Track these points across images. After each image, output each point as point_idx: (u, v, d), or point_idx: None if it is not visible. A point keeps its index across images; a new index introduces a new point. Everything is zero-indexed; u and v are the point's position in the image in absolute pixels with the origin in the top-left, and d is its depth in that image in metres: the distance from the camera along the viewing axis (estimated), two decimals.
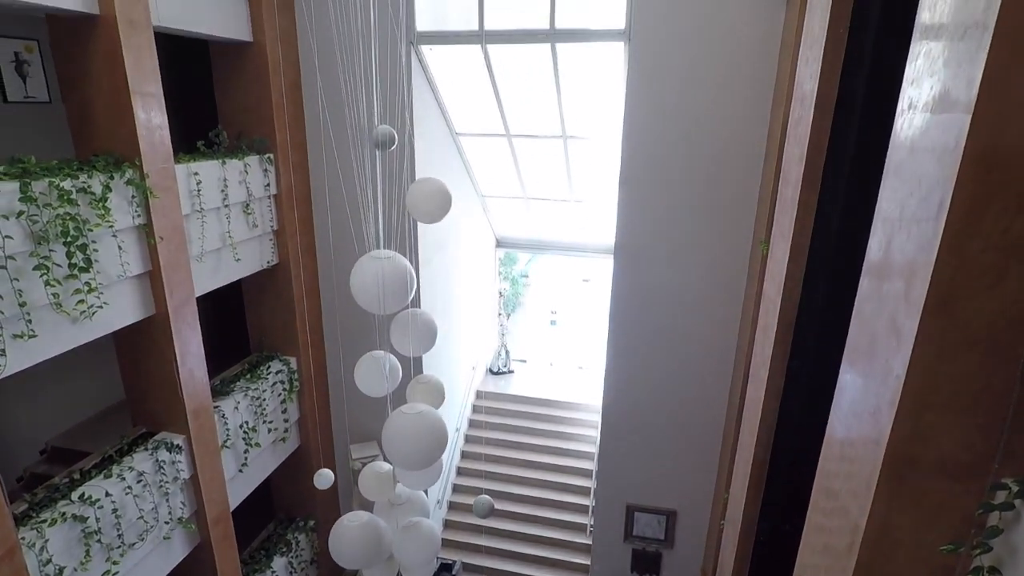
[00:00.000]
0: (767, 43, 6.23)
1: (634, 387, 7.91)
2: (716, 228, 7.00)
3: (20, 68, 5.91)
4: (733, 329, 7.29)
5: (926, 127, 1.84)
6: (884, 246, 2.08)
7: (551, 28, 6.84)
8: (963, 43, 1.69)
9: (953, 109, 1.67)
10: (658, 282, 7.40)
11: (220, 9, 6.40)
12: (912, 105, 1.96)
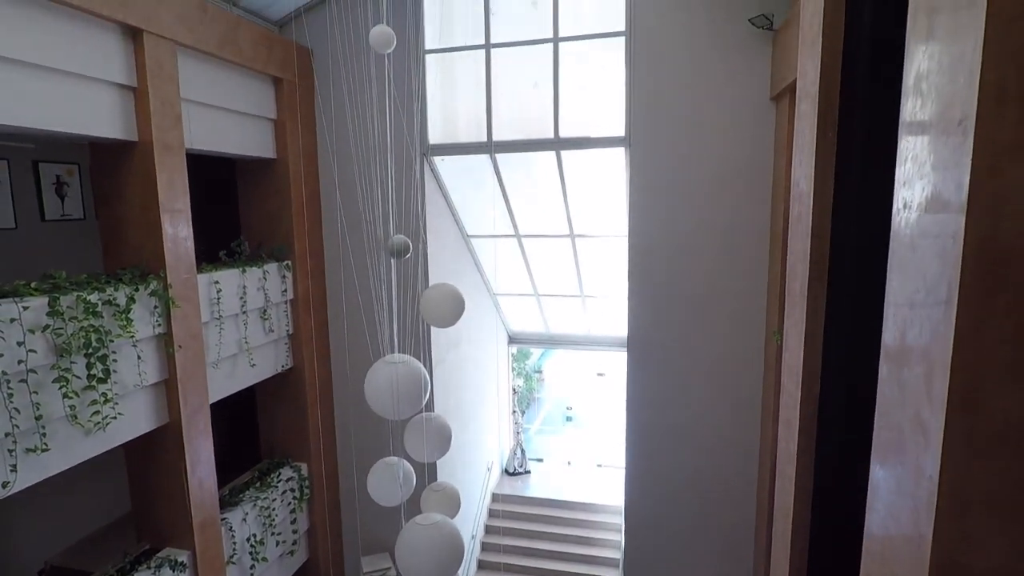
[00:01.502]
0: (760, 142, 6.56)
1: (657, 486, 7.58)
2: (728, 320, 7.01)
3: (60, 189, 6.32)
4: (754, 423, 7.08)
5: (923, 226, 1.90)
6: (899, 338, 2.08)
7: (555, 137, 7.27)
8: (947, 144, 1.79)
9: (947, 210, 1.73)
10: (673, 375, 7.31)
11: (248, 131, 6.91)
12: (907, 205, 2.04)
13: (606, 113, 7.20)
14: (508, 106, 7.44)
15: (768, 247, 6.67)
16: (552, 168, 7.72)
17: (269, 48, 6.90)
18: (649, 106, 6.87)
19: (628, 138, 7.02)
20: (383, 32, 4.05)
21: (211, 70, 6.22)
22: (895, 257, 2.19)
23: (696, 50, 6.65)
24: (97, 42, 4.92)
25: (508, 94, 7.43)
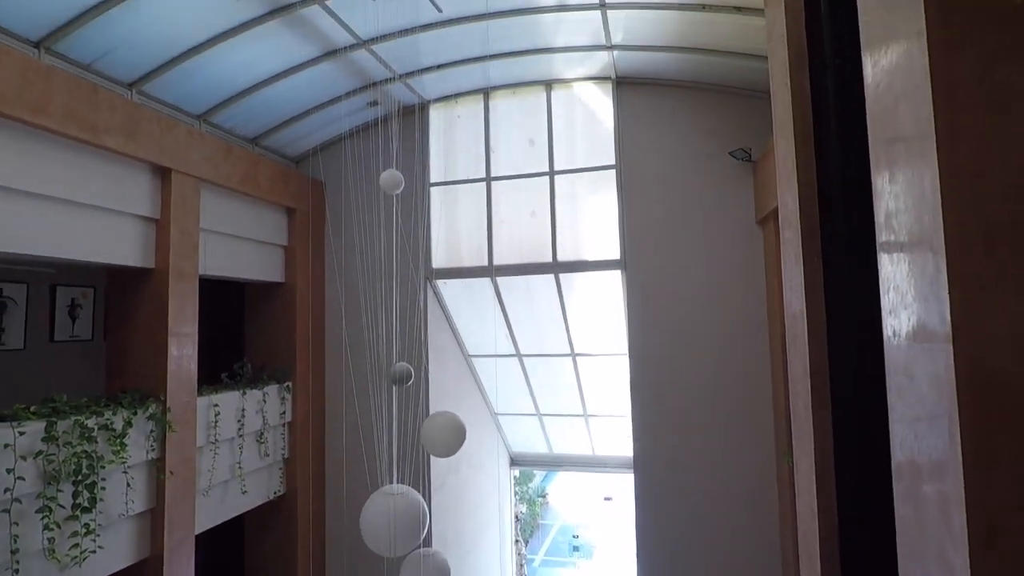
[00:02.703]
0: (751, 263, 6.82)
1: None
2: (736, 439, 6.84)
3: (73, 311, 6.47)
4: (774, 552, 6.66)
5: (915, 355, 1.95)
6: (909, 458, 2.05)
7: (554, 261, 7.57)
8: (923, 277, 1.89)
9: (934, 340, 1.79)
10: (683, 498, 6.99)
11: (259, 257, 7.21)
12: (896, 334, 2.11)
13: (602, 237, 7.55)
14: (508, 233, 7.82)
15: (769, 364, 6.69)
16: (551, 290, 7.94)
17: (285, 182, 7.40)
18: (641, 231, 7.23)
19: (623, 261, 7.30)
20: (392, 176, 4.40)
21: (230, 202, 6.63)
22: (893, 384, 2.22)
23: (682, 180, 7.13)
24: (129, 180, 5.31)
25: (508, 222, 7.84)
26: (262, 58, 6.08)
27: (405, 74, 7.05)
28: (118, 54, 5.33)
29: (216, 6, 5.18)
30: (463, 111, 8.05)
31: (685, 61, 6.66)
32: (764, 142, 6.49)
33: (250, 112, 6.93)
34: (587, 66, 7.20)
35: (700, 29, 5.92)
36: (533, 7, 5.84)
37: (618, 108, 7.41)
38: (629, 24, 6.08)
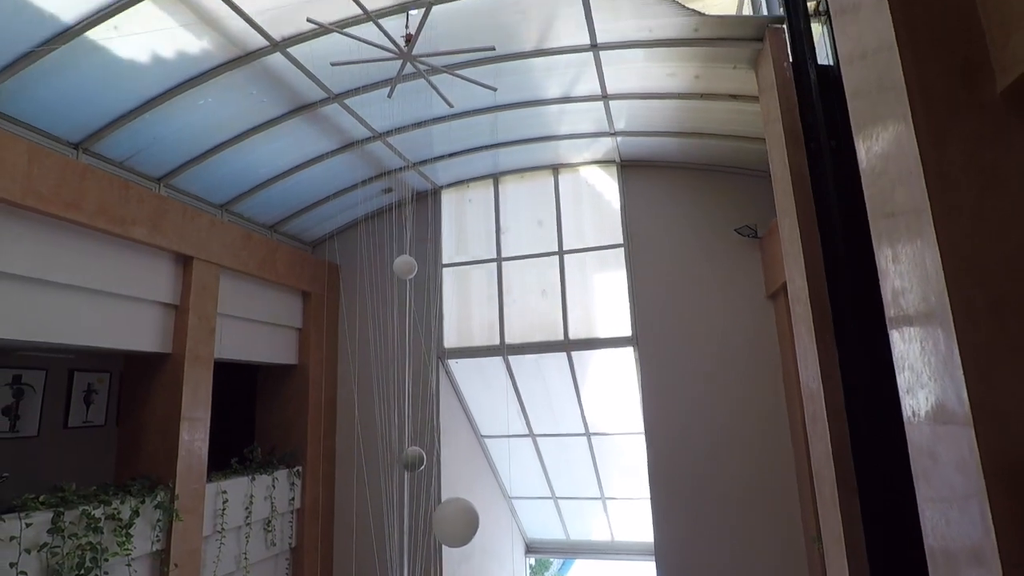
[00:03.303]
0: (764, 337, 6.77)
1: None
2: (763, 521, 6.53)
3: (88, 397, 6.50)
4: None
5: (937, 436, 1.92)
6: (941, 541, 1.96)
7: (565, 339, 7.58)
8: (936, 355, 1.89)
9: (954, 421, 1.77)
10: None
11: (273, 341, 7.30)
12: (916, 414, 2.08)
13: (612, 314, 7.59)
14: (519, 312, 7.90)
15: (790, 440, 6.49)
16: (564, 368, 7.89)
17: (301, 267, 7.61)
18: (652, 307, 7.27)
19: (635, 338, 7.29)
20: (406, 262, 4.53)
21: (247, 287, 6.80)
22: (918, 466, 2.16)
23: (690, 257, 7.24)
24: (153, 269, 5.51)
25: (519, 301, 7.93)
26: (283, 151, 6.43)
27: (418, 162, 7.39)
28: (149, 152, 5.67)
29: (244, 107, 5.55)
30: (474, 195, 8.35)
31: (686, 144, 6.94)
32: (769, 218, 6.63)
33: (270, 201, 7.24)
34: (592, 151, 7.52)
35: (698, 115, 6.21)
36: (539, 99, 6.19)
37: (624, 189, 7.66)
38: (631, 112, 6.40)
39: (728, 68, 5.21)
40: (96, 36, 4.30)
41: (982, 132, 2.03)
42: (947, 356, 1.85)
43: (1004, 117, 2.00)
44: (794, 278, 4.22)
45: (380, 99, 5.63)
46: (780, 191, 4.45)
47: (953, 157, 2.04)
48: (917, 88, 2.37)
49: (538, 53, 5.30)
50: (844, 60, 3.25)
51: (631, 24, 4.86)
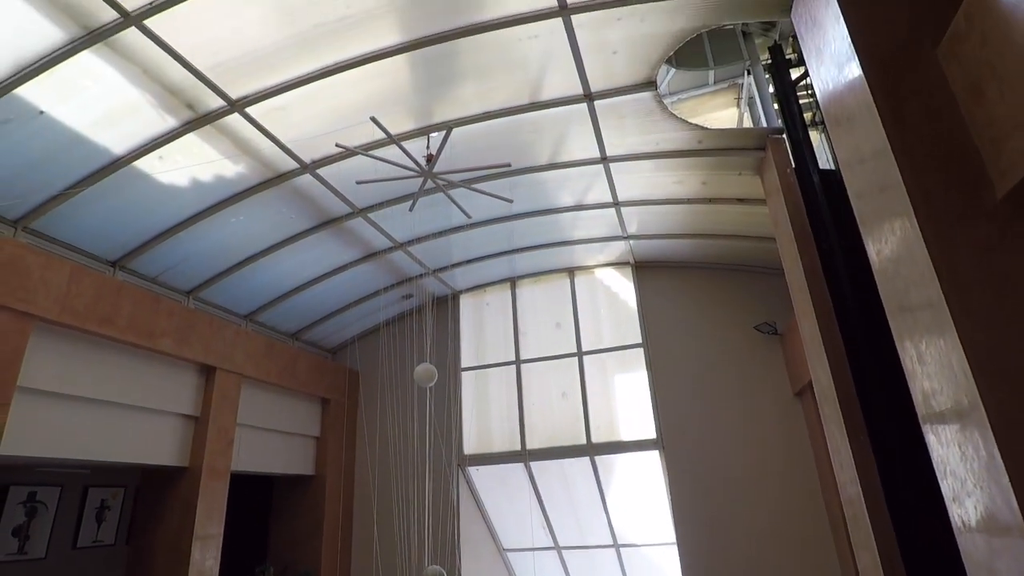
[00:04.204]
0: (795, 436, 6.52)
1: None
2: None
3: (100, 514, 6.34)
4: None
5: (994, 550, 1.81)
6: None
7: (588, 443, 7.37)
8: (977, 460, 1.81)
9: (1010, 534, 1.67)
10: None
11: (291, 450, 7.19)
12: (966, 525, 1.97)
13: (636, 416, 7.40)
14: (540, 415, 7.75)
15: (834, 546, 6.03)
16: (588, 474, 7.60)
17: (321, 373, 7.65)
18: (676, 408, 7.10)
19: (660, 440, 7.07)
20: (426, 370, 4.57)
21: (267, 396, 6.81)
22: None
23: (711, 356, 7.16)
24: (177, 380, 5.58)
25: (539, 404, 7.81)
26: (308, 263, 6.69)
27: (438, 269, 7.62)
28: (182, 267, 5.94)
29: (273, 223, 5.86)
30: (491, 299, 8.50)
31: (698, 245, 7.11)
32: (787, 315, 6.62)
33: (293, 310, 7.43)
34: (606, 253, 7.72)
35: (708, 218, 6.42)
36: (553, 208, 6.47)
37: (639, 289, 7.76)
38: (642, 216, 6.64)
39: (734, 175, 5.45)
40: (142, 165, 4.67)
41: (990, 237, 2.08)
42: (989, 462, 1.79)
43: (1008, 222, 2.06)
44: (819, 377, 4.15)
45: (402, 212, 5.94)
46: (796, 290, 4.49)
47: (964, 262, 2.08)
48: (918, 193, 2.47)
49: (552, 167, 5.61)
50: (844, 165, 3.41)
51: (638, 139, 5.18)
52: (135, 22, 3.54)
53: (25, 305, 4.20)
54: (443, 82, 4.57)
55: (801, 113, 4.72)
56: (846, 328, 4.09)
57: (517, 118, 4.92)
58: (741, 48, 5.54)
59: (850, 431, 3.59)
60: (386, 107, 4.67)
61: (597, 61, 4.37)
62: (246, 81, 4.24)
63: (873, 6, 3.02)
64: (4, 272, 4.10)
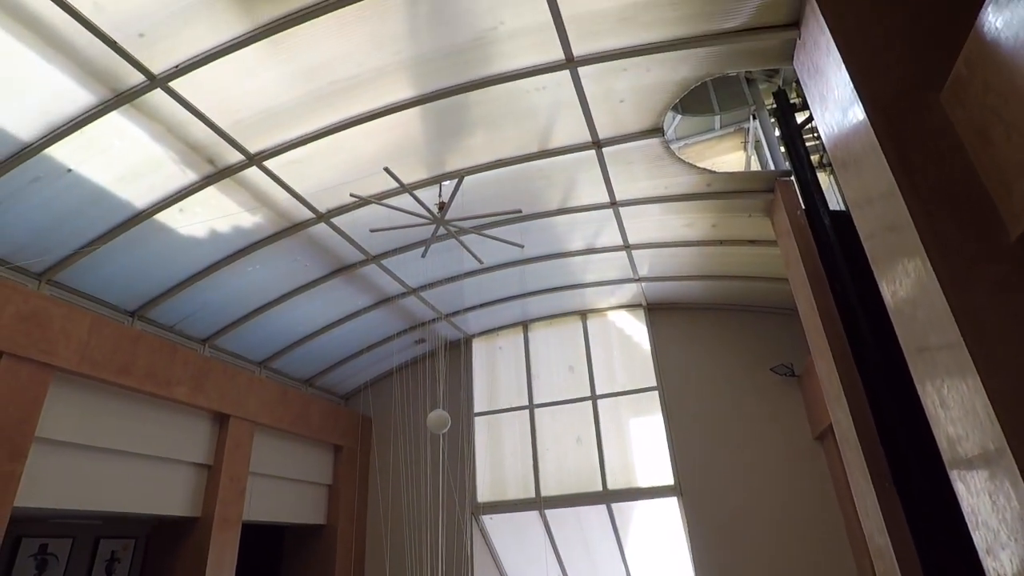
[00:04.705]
0: (817, 481, 6.32)
1: None
2: None
3: (111, 566, 6.23)
4: None
5: None
6: None
7: (604, 490, 7.19)
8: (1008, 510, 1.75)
9: None
10: None
11: (303, 499, 7.09)
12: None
13: (652, 462, 7.24)
14: (554, 461, 7.61)
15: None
16: (605, 522, 7.39)
17: (335, 420, 7.61)
18: (693, 453, 6.95)
19: (678, 486, 6.89)
20: (439, 417, 4.53)
21: (280, 443, 6.77)
22: None
23: (728, 398, 7.04)
24: (191, 429, 5.58)
25: (553, 450, 7.68)
26: (322, 309, 6.75)
27: (450, 314, 7.65)
28: (198, 316, 6.02)
29: (287, 271, 5.96)
30: (504, 342, 8.48)
31: (710, 287, 7.09)
32: (804, 356, 6.53)
33: (306, 356, 7.46)
34: (618, 296, 7.71)
35: (719, 260, 6.42)
36: (564, 252, 6.52)
37: (652, 332, 7.71)
38: (653, 259, 6.66)
39: (743, 217, 5.48)
40: (163, 218, 4.80)
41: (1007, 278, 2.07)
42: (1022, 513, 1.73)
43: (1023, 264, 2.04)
44: (840, 420, 4.06)
45: (414, 258, 6.02)
46: (811, 331, 4.44)
47: (982, 303, 2.06)
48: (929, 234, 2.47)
49: (562, 211, 5.69)
50: (853, 206, 3.43)
51: (647, 183, 5.25)
52: (161, 84, 3.71)
53: (46, 356, 4.27)
54: (454, 132, 4.70)
55: (808, 156, 4.77)
56: (865, 370, 4.02)
57: (527, 165, 5.03)
58: (746, 94, 5.66)
59: (875, 477, 3.49)
60: (399, 157, 4.80)
61: (604, 110, 4.49)
62: (264, 136, 4.39)
63: (874, 53, 3.09)
64: (27, 324, 4.18)
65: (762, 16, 3.68)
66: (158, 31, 3.44)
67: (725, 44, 3.86)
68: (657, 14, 3.70)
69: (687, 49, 3.90)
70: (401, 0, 3.53)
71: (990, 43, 2.15)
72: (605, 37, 3.87)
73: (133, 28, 3.39)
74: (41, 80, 3.51)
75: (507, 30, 3.80)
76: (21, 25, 3.21)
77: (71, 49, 3.40)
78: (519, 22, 3.74)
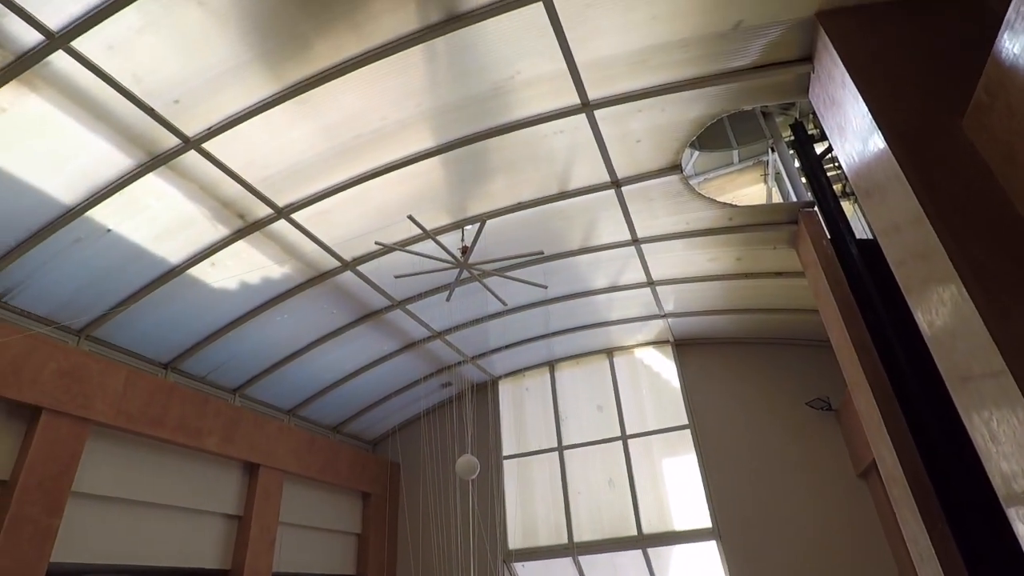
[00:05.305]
0: (864, 521, 6.02)
1: None
2: None
3: None
4: None
5: None
6: None
7: (639, 534, 6.95)
8: None
9: None
10: None
11: (332, 549, 7.00)
12: None
13: (688, 503, 7.00)
14: (587, 505, 7.41)
15: None
16: (640, 568, 7.11)
17: (363, 467, 7.56)
18: (731, 494, 6.70)
19: (717, 529, 6.63)
20: (468, 463, 4.49)
21: (308, 492, 6.74)
22: None
23: (764, 435, 6.83)
24: (222, 479, 5.60)
25: (585, 493, 7.49)
26: (348, 356, 6.81)
27: (475, 356, 7.64)
28: (228, 366, 6.12)
29: (315, 319, 6.05)
30: (530, 383, 8.41)
31: (739, 320, 6.98)
32: (840, 388, 6.32)
33: (334, 403, 7.48)
34: (644, 333, 7.63)
35: (746, 293, 6.34)
36: (588, 291, 6.51)
37: (681, 368, 7.57)
38: (678, 294, 6.60)
39: (768, 249, 5.43)
40: (195, 272, 4.95)
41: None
42: None
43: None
44: (884, 456, 3.89)
45: (439, 302, 6.06)
46: (847, 364, 4.32)
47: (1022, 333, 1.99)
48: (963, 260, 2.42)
49: (584, 251, 5.71)
50: (880, 234, 3.37)
51: (668, 220, 5.26)
52: (194, 146, 3.89)
53: (84, 411, 4.37)
54: (475, 178, 4.79)
55: (831, 186, 4.74)
56: (906, 402, 3.87)
57: (547, 207, 5.09)
58: (763, 127, 5.69)
59: (927, 519, 3.31)
60: (422, 205, 4.90)
61: (622, 150, 4.55)
62: (292, 189, 4.54)
63: (890, 83, 3.10)
64: (67, 380, 4.30)
65: (773, 53, 3.73)
66: (192, 97, 3.63)
67: (738, 82, 3.91)
68: (667, 57, 3.78)
69: (700, 88, 3.96)
70: (420, 57, 3.67)
71: (1009, 68, 2.14)
72: (619, 80, 3.96)
73: (169, 95, 3.58)
74: (84, 147, 3.71)
75: (523, 79, 3.91)
76: (68, 99, 3.42)
77: (112, 117, 3.59)
78: (535, 71, 3.86)
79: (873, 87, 3.12)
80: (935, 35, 3.15)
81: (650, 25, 3.55)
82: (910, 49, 3.15)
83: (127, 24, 3.14)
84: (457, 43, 3.61)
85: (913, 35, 3.20)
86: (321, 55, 3.56)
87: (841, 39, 3.32)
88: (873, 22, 3.30)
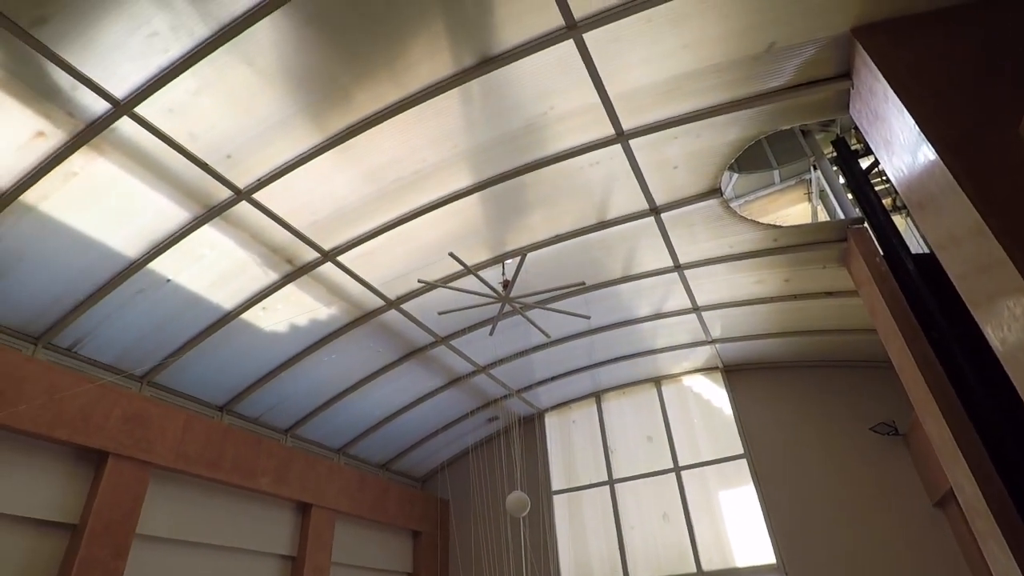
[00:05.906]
0: (944, 557, 5.59)
1: None
2: None
3: None
4: None
5: None
6: None
7: (698, 571, 6.65)
8: None
9: None
10: None
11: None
12: None
13: (749, 537, 6.67)
14: (641, 540, 7.16)
15: None
16: None
17: (412, 504, 7.54)
18: (794, 527, 6.36)
19: (782, 566, 6.28)
20: (518, 500, 4.42)
21: (359, 531, 6.75)
22: None
23: (824, 463, 6.50)
24: (275, 519, 5.68)
25: (639, 528, 7.25)
26: (395, 393, 6.87)
27: (521, 389, 7.60)
28: (280, 407, 6.26)
29: (362, 358, 6.15)
30: (577, 415, 8.28)
31: (790, 344, 6.74)
32: (905, 411, 5.99)
33: (382, 440, 7.53)
34: (692, 360, 7.45)
35: (796, 315, 6.13)
36: (631, 319, 6.43)
37: (732, 395, 7.33)
38: (725, 319, 6.44)
39: (817, 268, 5.26)
40: (248, 316, 5.13)
41: None
42: None
43: None
44: (962, 485, 3.64)
45: (482, 336, 6.09)
46: (911, 385, 4.10)
47: None
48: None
49: (625, 279, 5.66)
50: (936, 248, 3.23)
51: (710, 244, 5.18)
52: (246, 197, 4.09)
53: (146, 455, 4.53)
54: (513, 213, 4.85)
55: (879, 200, 4.58)
56: (981, 424, 3.62)
57: (586, 238, 5.09)
58: (803, 146, 5.58)
59: (1016, 551, 3.06)
60: (462, 241, 4.98)
61: (659, 177, 4.53)
62: (337, 233, 4.69)
63: (935, 94, 3.01)
64: (130, 425, 4.48)
65: (809, 71, 3.69)
66: (243, 151, 3.83)
67: (774, 102, 3.87)
68: (700, 83, 3.78)
69: (736, 112, 3.94)
70: (455, 100, 3.78)
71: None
72: (653, 109, 3.97)
73: (222, 151, 3.79)
74: (145, 204, 3.94)
75: (557, 114, 3.98)
76: (132, 160, 3.66)
77: (170, 174, 3.82)
78: (568, 105, 3.92)
79: (917, 99, 3.04)
80: (976, 44, 3.06)
81: (681, 53, 3.57)
82: (951, 59, 3.06)
83: (184, 88, 3.36)
84: (491, 84, 3.71)
85: (952, 44, 3.11)
86: (361, 104, 3.72)
87: (879, 53, 3.26)
88: (910, 34, 3.24)
